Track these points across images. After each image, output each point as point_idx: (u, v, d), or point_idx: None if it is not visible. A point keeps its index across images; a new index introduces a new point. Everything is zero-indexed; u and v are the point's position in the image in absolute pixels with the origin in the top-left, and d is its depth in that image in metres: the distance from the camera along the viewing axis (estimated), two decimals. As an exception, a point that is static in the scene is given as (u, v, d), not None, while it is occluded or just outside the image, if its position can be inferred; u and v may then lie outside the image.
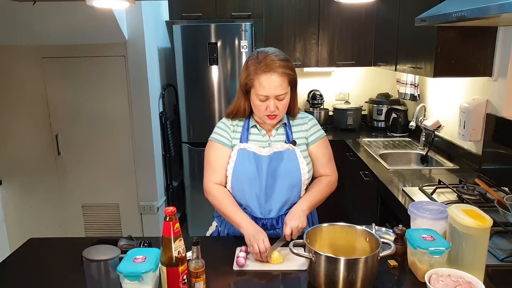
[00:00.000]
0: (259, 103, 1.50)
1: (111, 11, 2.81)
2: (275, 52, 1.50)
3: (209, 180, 1.59)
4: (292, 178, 1.56)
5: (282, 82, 1.46)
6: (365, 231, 1.33)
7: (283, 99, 1.50)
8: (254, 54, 1.52)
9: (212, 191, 1.58)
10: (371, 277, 1.21)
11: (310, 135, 1.64)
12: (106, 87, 3.28)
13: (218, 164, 1.59)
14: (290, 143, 1.58)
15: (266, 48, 1.53)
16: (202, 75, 3.46)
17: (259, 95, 1.48)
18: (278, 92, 1.47)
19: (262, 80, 1.45)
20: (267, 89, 1.46)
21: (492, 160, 2.27)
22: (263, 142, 1.59)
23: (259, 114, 1.55)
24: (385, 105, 3.66)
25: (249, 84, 1.49)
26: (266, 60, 1.46)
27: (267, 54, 1.48)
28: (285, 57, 1.50)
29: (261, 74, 1.45)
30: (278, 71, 1.45)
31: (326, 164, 1.66)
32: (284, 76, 1.46)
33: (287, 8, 3.52)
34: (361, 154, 2.93)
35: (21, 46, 3.20)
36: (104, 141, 3.38)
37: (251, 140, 1.59)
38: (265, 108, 1.50)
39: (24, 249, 1.58)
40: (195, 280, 1.20)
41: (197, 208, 3.67)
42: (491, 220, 1.21)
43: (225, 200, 1.56)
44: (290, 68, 1.49)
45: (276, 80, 1.45)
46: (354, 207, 3.19)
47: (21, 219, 3.51)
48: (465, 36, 2.24)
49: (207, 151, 1.63)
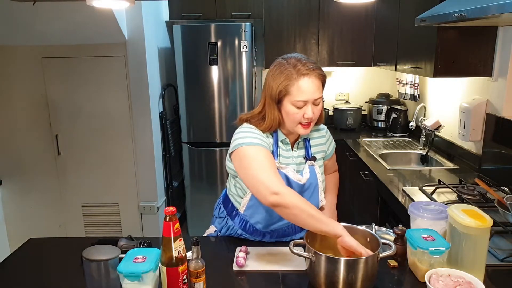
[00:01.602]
0: (295, 110, 1.40)
1: (111, 11, 2.81)
2: (304, 56, 1.45)
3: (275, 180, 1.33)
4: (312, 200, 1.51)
5: (319, 85, 1.41)
6: (365, 231, 1.33)
7: (319, 103, 1.43)
8: (281, 61, 1.43)
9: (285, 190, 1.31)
10: (371, 278, 1.21)
11: (328, 147, 1.66)
12: (106, 87, 3.28)
13: (274, 165, 1.41)
14: (311, 160, 1.55)
15: (291, 54, 1.46)
16: (202, 75, 3.46)
17: (297, 101, 1.38)
18: (316, 95, 1.39)
19: (301, 84, 1.37)
20: (307, 93, 1.37)
21: (492, 160, 2.27)
22: (287, 158, 1.51)
23: (292, 124, 1.43)
24: (385, 105, 3.66)
25: (283, 92, 1.39)
26: (299, 65, 1.39)
27: (297, 59, 1.42)
28: (314, 61, 1.46)
29: (298, 78, 1.37)
30: (314, 73, 1.39)
31: (333, 165, 1.78)
32: (319, 78, 1.41)
33: (287, 8, 3.52)
34: (361, 154, 2.93)
35: (21, 46, 3.20)
36: (104, 141, 3.38)
37: (279, 155, 1.51)
38: (301, 115, 1.40)
39: (24, 249, 1.58)
40: (195, 280, 1.20)
41: (197, 208, 3.67)
42: (491, 220, 1.21)
43: (310, 205, 1.31)
44: (322, 70, 1.44)
45: (314, 82, 1.38)
46: (354, 207, 3.19)
47: (21, 219, 3.51)
48: (465, 36, 2.24)
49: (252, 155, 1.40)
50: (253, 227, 1.57)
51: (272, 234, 1.58)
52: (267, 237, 1.58)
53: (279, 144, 1.50)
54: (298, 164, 1.53)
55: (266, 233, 1.57)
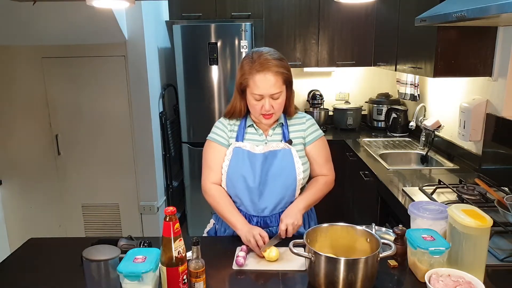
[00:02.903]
0: (254, 102, 1.51)
1: (111, 11, 2.81)
2: (270, 52, 1.52)
3: (207, 179, 1.61)
4: (287, 177, 1.56)
5: (277, 81, 1.48)
6: (365, 232, 1.33)
7: (278, 98, 1.51)
8: (249, 54, 1.53)
9: (210, 190, 1.60)
10: (371, 278, 1.21)
11: (308, 135, 1.64)
12: (106, 87, 3.28)
13: (215, 163, 1.60)
14: (286, 142, 1.59)
15: (261, 48, 1.54)
16: (202, 75, 3.46)
17: (254, 94, 1.49)
18: (272, 91, 1.48)
19: (256, 79, 1.47)
20: (262, 88, 1.47)
21: (492, 160, 2.27)
22: (259, 141, 1.60)
23: (255, 114, 1.56)
24: (385, 105, 3.66)
25: (244, 84, 1.51)
26: (260, 59, 1.47)
27: (261, 54, 1.49)
28: (280, 56, 1.51)
29: (255, 73, 1.47)
30: (272, 70, 1.46)
31: (323, 164, 1.66)
32: (278, 75, 1.48)
33: (287, 8, 3.52)
34: (361, 154, 2.93)
35: (21, 46, 3.20)
36: (104, 141, 3.37)
37: (247, 139, 1.61)
38: (260, 107, 1.51)
39: (24, 249, 1.58)
40: (195, 280, 1.20)
41: (197, 208, 3.67)
42: (491, 220, 1.21)
43: (222, 201, 1.58)
44: (284, 67, 1.50)
45: (270, 79, 1.47)
46: (354, 207, 3.19)
47: (21, 219, 3.51)
48: (465, 36, 2.24)
49: (205, 150, 1.65)
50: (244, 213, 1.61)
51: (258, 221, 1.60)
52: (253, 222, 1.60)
53: (248, 129, 1.62)
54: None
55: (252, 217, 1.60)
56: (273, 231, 1.58)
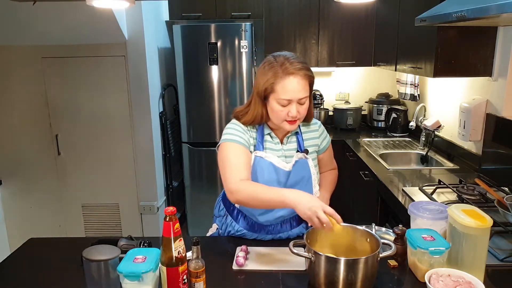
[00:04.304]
0: (279, 108, 1.43)
1: (111, 11, 2.81)
2: (293, 55, 1.46)
3: (233, 178, 1.41)
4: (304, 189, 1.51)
5: (305, 85, 1.42)
6: (365, 232, 1.33)
7: (304, 103, 1.44)
8: (270, 59, 1.45)
9: (240, 186, 1.38)
10: (371, 278, 1.21)
11: (321, 141, 1.66)
12: (106, 87, 3.28)
13: (240, 162, 1.45)
14: (303, 153, 1.56)
15: (281, 52, 1.48)
16: (202, 75, 3.46)
17: (281, 99, 1.41)
18: (301, 95, 1.41)
19: (285, 83, 1.39)
20: (291, 92, 1.40)
21: (492, 160, 2.27)
22: (277, 151, 1.54)
23: (278, 121, 1.47)
24: (385, 105, 3.66)
25: (269, 89, 1.42)
26: (286, 64, 1.40)
27: (287, 57, 1.43)
28: (303, 60, 1.48)
29: (283, 77, 1.39)
30: (300, 73, 1.41)
31: (330, 162, 1.75)
32: (306, 78, 1.42)
33: (287, 8, 3.52)
34: (361, 154, 2.93)
35: (21, 46, 3.19)
36: (104, 141, 3.37)
37: (266, 148, 1.54)
38: (286, 113, 1.43)
39: (24, 249, 1.58)
40: (195, 280, 1.20)
41: (197, 208, 3.67)
42: (491, 220, 1.21)
43: (259, 188, 1.38)
44: (310, 70, 1.46)
45: (299, 82, 1.40)
46: (354, 207, 3.19)
47: (21, 219, 3.51)
48: (465, 36, 2.24)
49: (225, 151, 1.47)
50: (251, 221, 1.58)
51: (268, 230, 1.58)
52: (264, 232, 1.58)
53: (266, 137, 1.54)
54: (288, 157, 1.56)
55: (263, 227, 1.57)
56: (282, 237, 1.59)
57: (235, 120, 1.55)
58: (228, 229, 1.64)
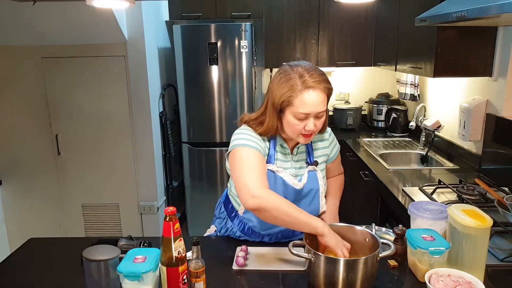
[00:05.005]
0: (296, 122, 1.36)
1: (111, 11, 2.81)
2: (312, 66, 1.38)
3: (258, 183, 1.33)
4: (312, 205, 1.52)
5: (324, 98, 1.36)
6: (365, 232, 1.33)
7: (322, 116, 1.39)
8: (287, 69, 1.37)
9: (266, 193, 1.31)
10: (371, 278, 1.21)
11: (331, 151, 1.62)
12: (106, 87, 3.28)
13: (262, 169, 1.39)
14: (313, 165, 1.53)
15: (299, 62, 1.40)
16: (202, 75, 3.46)
17: (299, 113, 1.34)
18: (319, 109, 1.35)
19: (304, 97, 1.32)
20: (309, 106, 1.33)
21: (492, 160, 2.27)
22: (286, 162, 1.49)
23: (293, 134, 1.41)
24: (385, 105, 3.66)
25: (286, 102, 1.34)
26: (306, 76, 1.33)
27: (305, 68, 1.35)
28: (322, 71, 1.40)
29: (302, 90, 1.32)
30: (321, 86, 1.34)
31: (338, 168, 1.74)
32: (325, 91, 1.36)
33: (287, 8, 3.52)
34: (361, 154, 2.93)
35: (21, 46, 3.19)
36: (104, 141, 3.37)
37: (277, 159, 1.49)
38: (302, 127, 1.36)
39: (24, 249, 1.58)
40: (195, 280, 1.20)
41: (197, 208, 3.67)
42: (491, 220, 1.21)
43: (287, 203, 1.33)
44: (329, 82, 1.39)
45: (319, 96, 1.33)
46: (354, 207, 3.19)
47: (21, 219, 3.51)
48: (465, 36, 2.24)
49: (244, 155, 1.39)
50: (252, 230, 1.56)
51: (271, 237, 1.57)
52: (266, 239, 1.57)
53: (277, 148, 1.48)
54: (298, 168, 1.51)
55: (265, 235, 1.57)
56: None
57: (247, 126, 1.47)
58: (228, 233, 1.62)
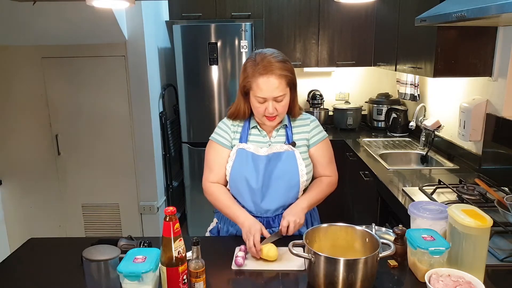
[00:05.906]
0: (257, 105, 1.50)
1: (111, 11, 2.81)
2: (273, 53, 1.49)
3: (206, 179, 1.63)
4: (290, 180, 1.56)
5: (280, 84, 1.46)
6: (364, 232, 1.33)
7: (281, 100, 1.49)
8: (252, 56, 1.51)
9: (209, 189, 1.61)
10: (371, 278, 1.21)
11: (312, 136, 1.64)
12: (106, 87, 3.28)
13: (215, 164, 1.61)
14: (290, 144, 1.58)
15: (265, 50, 1.52)
16: (202, 75, 3.46)
17: (257, 97, 1.48)
18: (276, 94, 1.46)
19: (259, 82, 1.45)
20: (265, 91, 1.46)
21: (492, 160, 2.27)
22: (263, 143, 1.60)
23: (258, 116, 1.56)
24: (385, 105, 3.66)
25: (247, 86, 1.50)
26: (264, 62, 1.45)
27: (264, 56, 1.47)
28: (283, 58, 1.49)
29: (258, 76, 1.45)
30: (275, 73, 1.44)
31: (326, 165, 1.67)
32: (281, 78, 1.46)
33: (287, 8, 3.52)
34: (361, 154, 2.93)
35: (21, 46, 3.20)
36: (104, 141, 3.38)
37: (251, 140, 1.60)
38: (263, 109, 1.50)
39: (24, 249, 1.58)
40: (195, 280, 1.20)
41: (197, 208, 3.67)
42: (491, 220, 1.21)
43: (221, 197, 1.59)
44: (288, 69, 1.48)
45: (273, 82, 1.45)
46: (354, 207, 3.19)
47: (21, 219, 3.51)
48: (465, 36, 2.24)
49: (207, 150, 1.65)
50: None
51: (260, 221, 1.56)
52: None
53: (252, 130, 1.61)
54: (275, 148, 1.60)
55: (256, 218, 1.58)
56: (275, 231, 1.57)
57: (226, 117, 1.66)
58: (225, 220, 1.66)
